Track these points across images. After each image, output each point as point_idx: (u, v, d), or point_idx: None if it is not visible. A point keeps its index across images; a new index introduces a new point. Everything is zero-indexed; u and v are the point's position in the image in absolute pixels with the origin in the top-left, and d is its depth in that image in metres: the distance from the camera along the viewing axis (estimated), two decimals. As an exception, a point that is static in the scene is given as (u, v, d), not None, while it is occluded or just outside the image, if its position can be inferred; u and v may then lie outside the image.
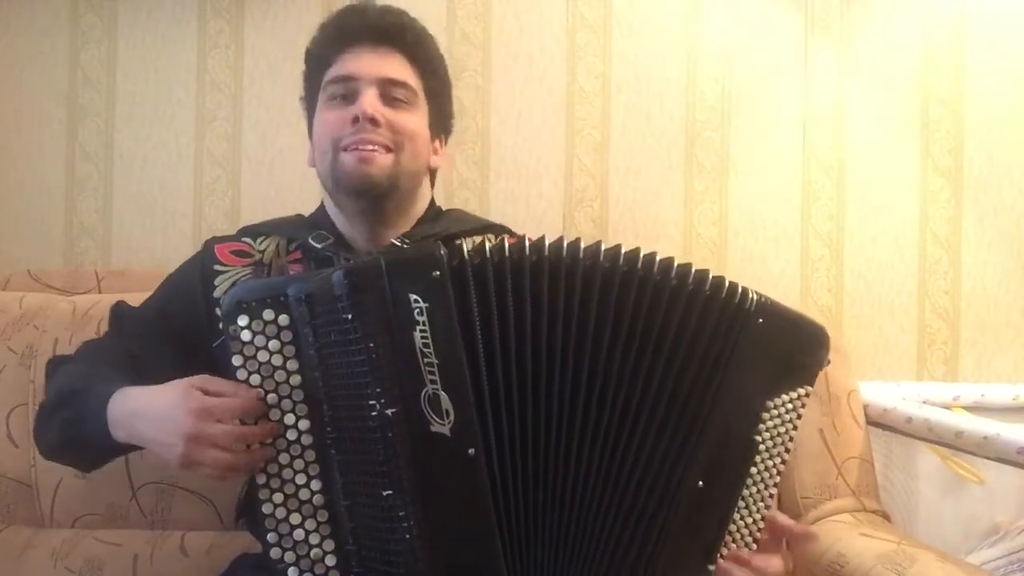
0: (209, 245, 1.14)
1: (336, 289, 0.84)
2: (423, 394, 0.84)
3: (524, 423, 0.86)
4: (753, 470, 0.93)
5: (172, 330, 1.08)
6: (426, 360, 0.84)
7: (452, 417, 0.84)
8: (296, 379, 0.87)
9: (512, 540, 0.86)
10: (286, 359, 0.87)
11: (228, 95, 1.69)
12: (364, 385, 0.84)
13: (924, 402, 1.51)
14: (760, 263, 1.73)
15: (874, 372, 1.71)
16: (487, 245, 0.87)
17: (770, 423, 0.94)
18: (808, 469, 1.35)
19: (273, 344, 0.86)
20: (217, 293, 1.08)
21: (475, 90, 1.70)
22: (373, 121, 1.04)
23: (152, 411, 0.90)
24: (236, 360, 0.86)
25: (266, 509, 0.86)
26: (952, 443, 1.27)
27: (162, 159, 1.69)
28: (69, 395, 0.99)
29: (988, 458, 1.21)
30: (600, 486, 0.88)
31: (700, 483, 0.90)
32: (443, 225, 1.15)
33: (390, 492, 0.84)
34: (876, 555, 1.17)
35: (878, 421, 1.43)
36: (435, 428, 0.84)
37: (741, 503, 0.93)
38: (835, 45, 1.73)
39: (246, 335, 0.86)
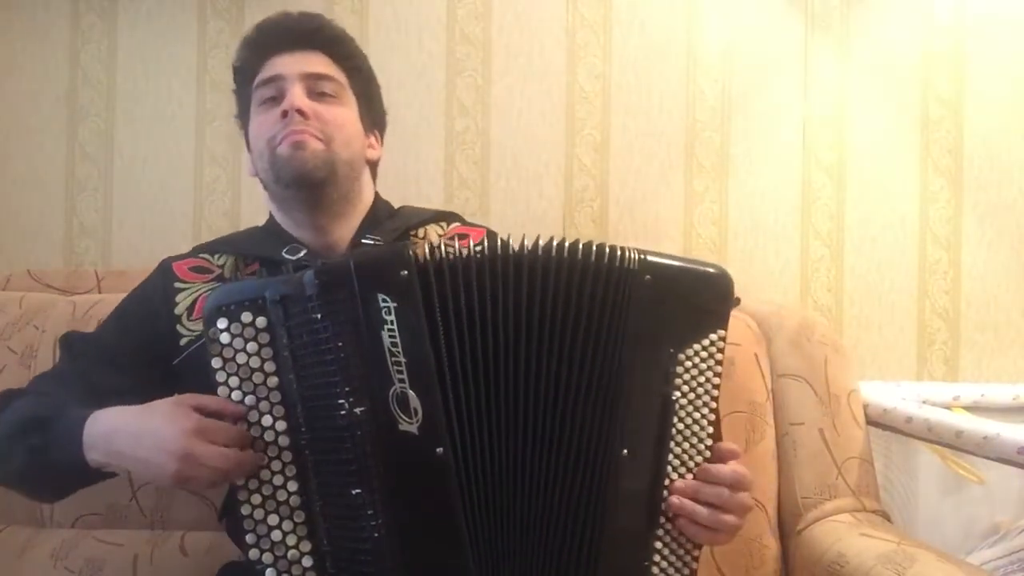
0: (165, 264, 1.14)
1: (307, 289, 0.85)
2: (391, 393, 0.84)
3: (485, 420, 0.87)
4: (680, 426, 0.92)
5: (130, 350, 1.07)
6: (394, 359, 0.84)
7: (420, 416, 0.85)
8: (273, 380, 0.87)
9: (478, 536, 0.87)
10: (264, 361, 0.87)
11: (228, 95, 1.68)
12: (334, 384, 0.85)
13: (924, 402, 1.51)
14: (760, 263, 1.73)
15: (874, 372, 1.71)
16: (454, 245, 0.88)
17: (686, 376, 0.92)
18: (808, 469, 1.35)
19: (251, 346, 0.87)
20: (178, 310, 1.09)
21: (475, 90, 1.70)
22: (301, 112, 1.06)
23: (139, 430, 0.89)
24: (215, 363, 0.87)
25: (244, 511, 0.86)
26: (952, 443, 1.27)
27: (162, 159, 1.69)
28: (34, 421, 0.96)
29: (988, 458, 1.20)
30: (547, 474, 0.89)
31: (624, 451, 0.90)
32: (400, 220, 1.17)
33: (359, 491, 0.85)
34: (876, 555, 1.17)
35: (878, 421, 1.43)
36: (403, 427, 0.85)
37: (676, 461, 0.92)
38: (835, 45, 1.73)
39: (225, 338, 0.87)
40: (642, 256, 0.91)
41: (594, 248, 0.90)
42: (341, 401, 0.84)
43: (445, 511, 0.86)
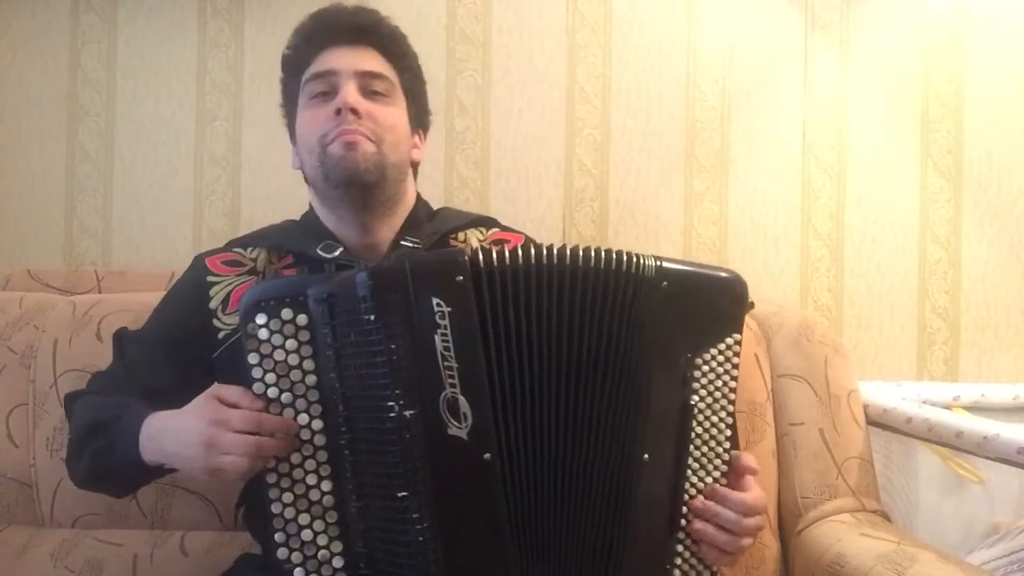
0: (199, 259, 1.15)
1: (359, 290, 0.85)
2: (442, 397, 0.85)
3: (529, 426, 0.88)
4: (699, 430, 0.93)
5: (173, 347, 1.09)
6: (446, 364, 0.85)
7: (469, 421, 0.85)
8: (312, 379, 0.87)
9: (522, 542, 0.88)
10: (303, 359, 0.87)
11: (228, 95, 1.69)
12: (383, 386, 0.84)
13: (924, 402, 1.51)
14: (760, 263, 1.73)
15: (874, 372, 1.71)
16: (503, 251, 0.88)
17: (703, 380, 0.93)
18: (808, 469, 1.35)
19: (290, 343, 0.87)
20: (213, 304, 1.09)
21: (475, 90, 1.70)
22: (355, 111, 1.06)
23: (176, 427, 0.92)
24: (252, 358, 0.87)
25: (275, 509, 0.86)
26: (952, 443, 1.27)
27: (162, 159, 1.69)
28: (97, 425, 1.01)
29: (988, 458, 1.21)
30: (580, 480, 0.90)
31: (645, 456, 0.91)
32: (440, 224, 1.17)
33: (405, 493, 0.84)
34: (876, 555, 1.17)
35: (878, 421, 1.43)
36: (452, 431, 0.85)
37: (695, 465, 0.93)
38: (835, 45, 1.73)
39: (263, 334, 0.87)
40: (658, 263, 0.92)
41: (613, 256, 0.91)
42: (391, 403, 0.84)
43: (490, 516, 0.86)
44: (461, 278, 0.86)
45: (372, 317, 0.84)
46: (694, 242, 1.72)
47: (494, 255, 0.88)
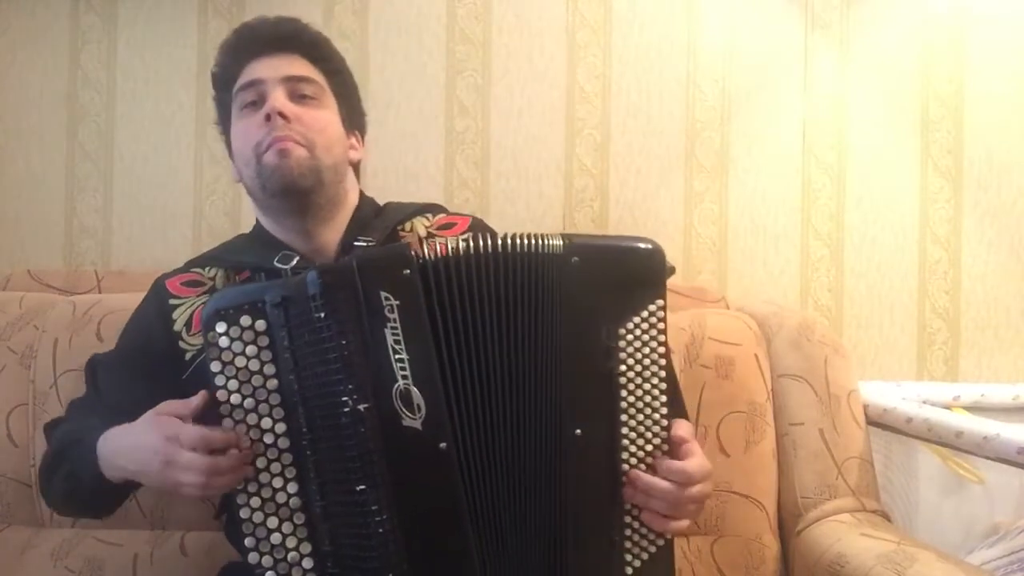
0: (159, 283, 1.15)
1: (310, 289, 0.87)
2: (395, 389, 0.87)
3: (480, 414, 0.90)
4: (631, 399, 0.93)
5: (141, 373, 1.09)
6: (397, 356, 0.87)
7: (423, 411, 0.87)
8: (273, 383, 0.88)
9: (481, 529, 0.89)
10: (263, 363, 0.88)
11: (228, 95, 1.69)
12: (337, 382, 0.86)
13: (924, 402, 1.51)
14: (760, 263, 1.73)
15: (874, 372, 1.71)
16: (446, 243, 0.90)
17: (629, 349, 0.93)
18: (808, 469, 1.35)
19: (250, 349, 0.88)
20: (177, 326, 1.09)
21: (475, 90, 1.70)
22: (283, 116, 1.06)
23: (131, 444, 0.93)
24: (214, 366, 0.88)
25: (243, 514, 0.87)
26: (952, 443, 1.27)
27: (162, 159, 1.69)
28: (62, 450, 1.03)
29: (988, 458, 1.21)
30: (525, 463, 0.91)
31: (578, 431, 0.92)
32: (388, 218, 1.17)
33: (364, 487, 0.86)
34: (876, 555, 1.17)
35: (878, 421, 1.43)
36: (407, 422, 0.87)
37: (632, 435, 0.94)
38: (835, 45, 1.73)
39: (224, 341, 0.88)
40: (566, 240, 0.93)
41: (519, 240, 0.92)
42: (345, 398, 0.85)
43: (449, 505, 0.88)
44: (408, 271, 0.88)
45: (323, 315, 0.86)
46: (694, 242, 1.72)
47: (437, 247, 0.90)
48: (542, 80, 1.71)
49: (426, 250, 0.89)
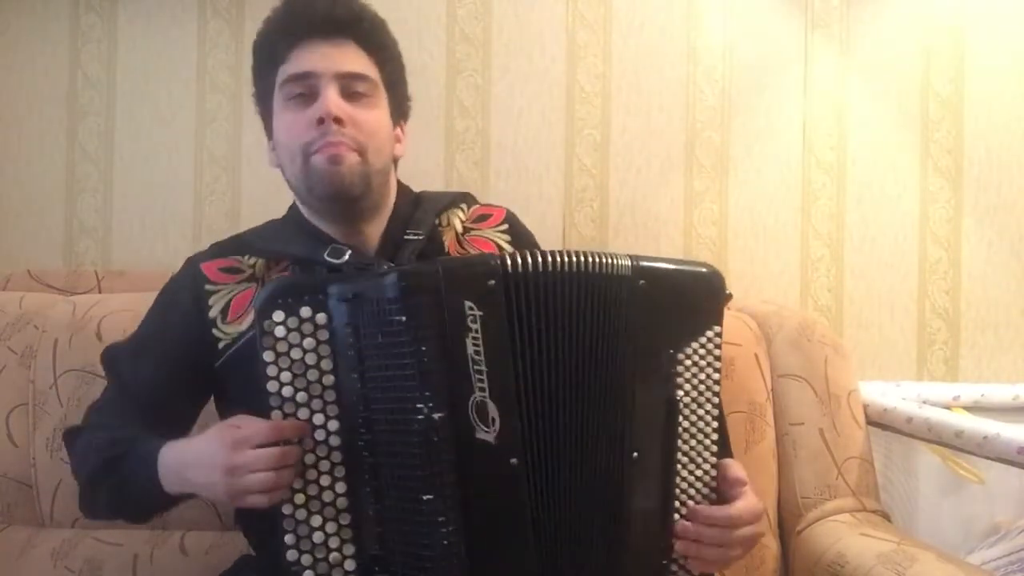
0: (194, 264, 1.11)
1: (389, 291, 0.84)
2: (471, 401, 0.84)
3: (549, 431, 0.88)
4: (686, 424, 0.93)
5: (170, 360, 1.06)
6: (476, 367, 0.84)
7: (497, 425, 0.85)
8: (329, 379, 0.86)
9: (543, 547, 0.88)
10: (320, 358, 0.86)
11: (228, 95, 1.69)
12: (410, 388, 0.84)
13: (924, 402, 1.51)
14: (760, 263, 1.73)
15: (874, 372, 1.71)
16: (526, 256, 0.88)
17: (687, 375, 0.93)
18: (808, 469, 1.35)
19: (308, 342, 0.86)
20: (212, 313, 1.06)
21: (475, 90, 1.70)
22: (338, 121, 1.02)
23: (195, 457, 0.91)
24: (267, 356, 0.85)
25: (286, 510, 0.84)
26: (952, 443, 1.27)
27: (162, 159, 1.69)
28: (111, 463, 0.99)
29: (988, 458, 1.21)
30: (586, 483, 0.90)
31: (635, 454, 0.91)
32: (428, 210, 1.14)
33: (431, 496, 0.83)
34: (876, 555, 1.17)
35: (878, 421, 1.43)
36: (480, 435, 0.85)
37: (684, 459, 0.94)
38: (835, 45, 1.73)
39: (280, 331, 0.85)
40: (634, 262, 0.92)
41: (591, 259, 0.90)
42: (420, 405, 0.83)
43: (515, 521, 0.87)
44: (493, 282, 0.86)
45: (403, 318, 0.83)
46: (694, 242, 1.72)
47: (519, 261, 0.88)
48: (542, 80, 1.71)
49: (510, 263, 0.87)
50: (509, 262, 0.87)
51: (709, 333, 0.94)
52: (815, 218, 1.74)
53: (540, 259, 0.89)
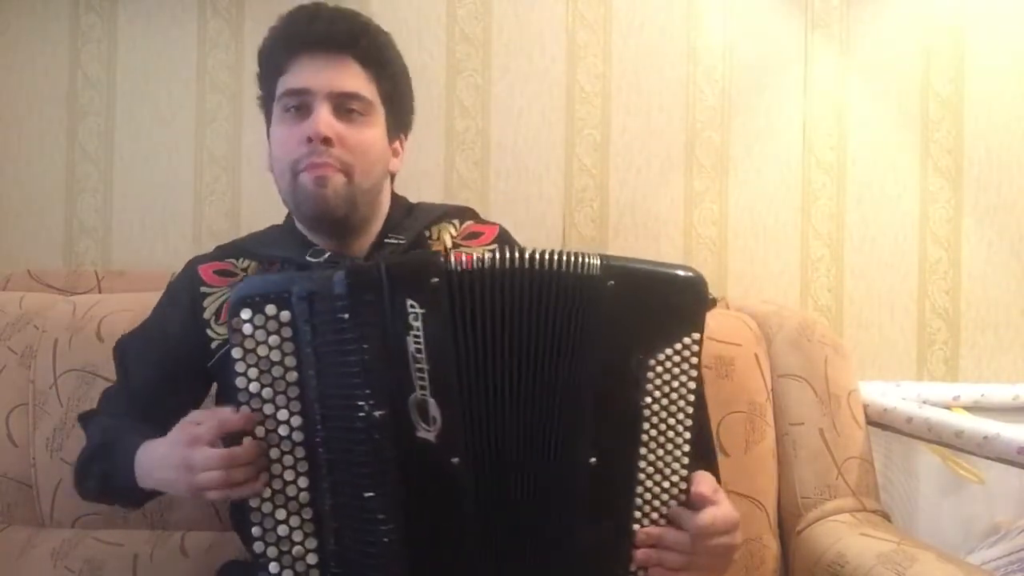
0: (192, 266, 1.14)
1: (336, 288, 0.85)
2: (411, 399, 0.85)
3: (493, 432, 0.87)
4: (652, 433, 0.89)
5: (168, 355, 1.10)
6: (417, 366, 0.84)
7: (438, 424, 0.85)
8: (292, 376, 0.87)
9: (485, 545, 0.87)
10: (284, 355, 0.87)
11: (228, 95, 1.69)
12: (355, 386, 0.85)
13: (924, 402, 1.51)
14: (760, 263, 1.73)
15: (874, 372, 1.71)
16: (473, 255, 0.88)
17: (657, 381, 0.89)
18: (808, 469, 1.35)
19: (273, 339, 0.87)
20: (207, 314, 1.09)
21: (475, 90, 1.70)
22: (326, 141, 1.03)
23: (160, 455, 0.93)
24: (236, 352, 0.87)
25: (253, 503, 0.86)
26: (952, 443, 1.27)
27: (162, 159, 1.69)
28: (101, 448, 1.04)
29: (988, 458, 1.21)
30: (537, 485, 0.89)
31: (592, 459, 0.88)
32: (419, 219, 1.16)
33: (372, 494, 0.85)
34: (876, 555, 1.17)
35: (878, 421, 1.43)
36: (421, 434, 0.85)
37: (651, 469, 0.90)
38: (835, 45, 1.73)
39: (247, 328, 0.87)
40: (604, 262, 0.90)
41: (555, 258, 0.89)
42: (361, 403, 0.84)
43: (458, 521, 0.86)
44: (436, 280, 0.85)
45: (346, 316, 0.85)
46: (694, 242, 1.72)
47: (464, 260, 0.87)
48: (542, 80, 1.71)
49: (454, 260, 0.87)
50: (453, 260, 0.87)
51: (686, 340, 0.90)
52: (815, 218, 1.74)
53: (488, 257, 0.88)
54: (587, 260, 0.89)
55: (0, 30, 1.69)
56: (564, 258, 0.89)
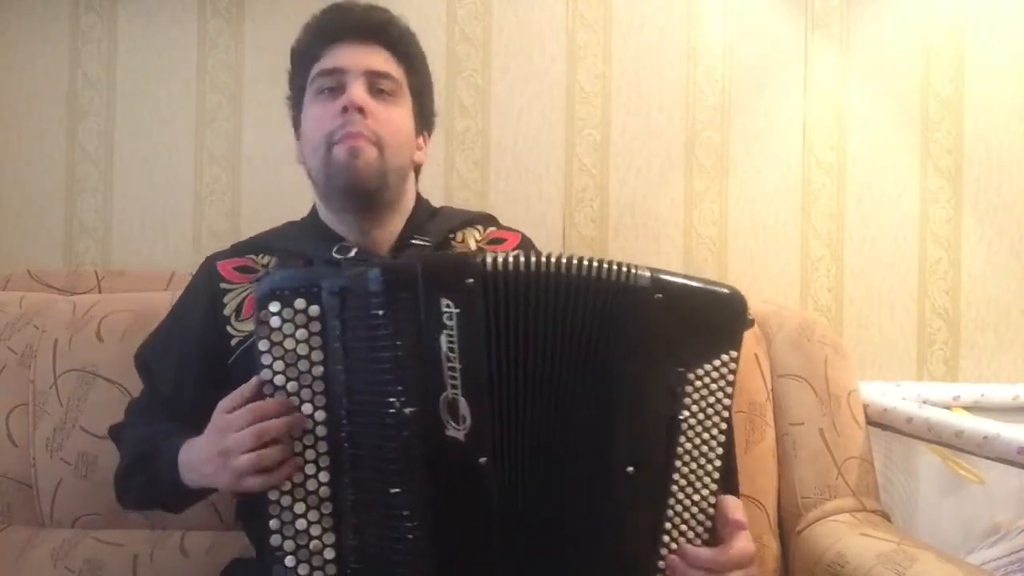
0: (211, 263, 1.15)
1: (371, 285, 0.85)
2: (442, 398, 0.85)
3: (525, 433, 0.87)
4: (688, 447, 0.91)
5: (191, 356, 1.10)
6: (449, 365, 0.84)
7: (468, 423, 0.85)
8: (319, 370, 0.87)
9: (512, 549, 0.87)
10: (311, 349, 0.87)
11: (228, 95, 1.69)
12: (386, 382, 0.84)
13: (924, 402, 1.51)
14: (760, 263, 1.73)
15: (874, 372, 1.71)
16: (509, 257, 0.88)
17: (695, 396, 0.91)
18: (808, 469, 1.35)
19: (301, 333, 0.87)
20: (227, 311, 1.09)
21: (475, 90, 1.70)
22: (361, 111, 1.05)
23: (199, 449, 0.94)
24: (262, 345, 0.87)
25: (271, 496, 0.86)
26: (952, 443, 1.27)
27: (162, 159, 1.69)
28: (140, 459, 1.05)
29: (988, 458, 1.21)
30: (569, 490, 0.89)
31: (630, 469, 0.89)
32: (443, 222, 1.17)
33: (398, 490, 0.84)
34: (876, 555, 1.17)
35: (878, 421, 1.43)
36: (450, 432, 0.85)
37: (683, 481, 0.91)
38: (835, 45, 1.73)
39: (275, 321, 0.86)
40: (653, 274, 0.91)
41: (605, 267, 0.89)
42: (392, 399, 0.84)
43: (483, 521, 0.86)
44: (471, 280, 0.86)
45: (381, 312, 0.84)
46: (694, 242, 1.72)
47: (500, 261, 0.87)
48: (542, 80, 1.71)
49: (490, 262, 0.87)
50: (490, 261, 0.87)
51: (724, 357, 0.92)
52: (815, 218, 1.74)
53: (525, 260, 0.88)
54: (636, 271, 0.90)
55: (0, 30, 1.69)
56: (605, 267, 0.89)
